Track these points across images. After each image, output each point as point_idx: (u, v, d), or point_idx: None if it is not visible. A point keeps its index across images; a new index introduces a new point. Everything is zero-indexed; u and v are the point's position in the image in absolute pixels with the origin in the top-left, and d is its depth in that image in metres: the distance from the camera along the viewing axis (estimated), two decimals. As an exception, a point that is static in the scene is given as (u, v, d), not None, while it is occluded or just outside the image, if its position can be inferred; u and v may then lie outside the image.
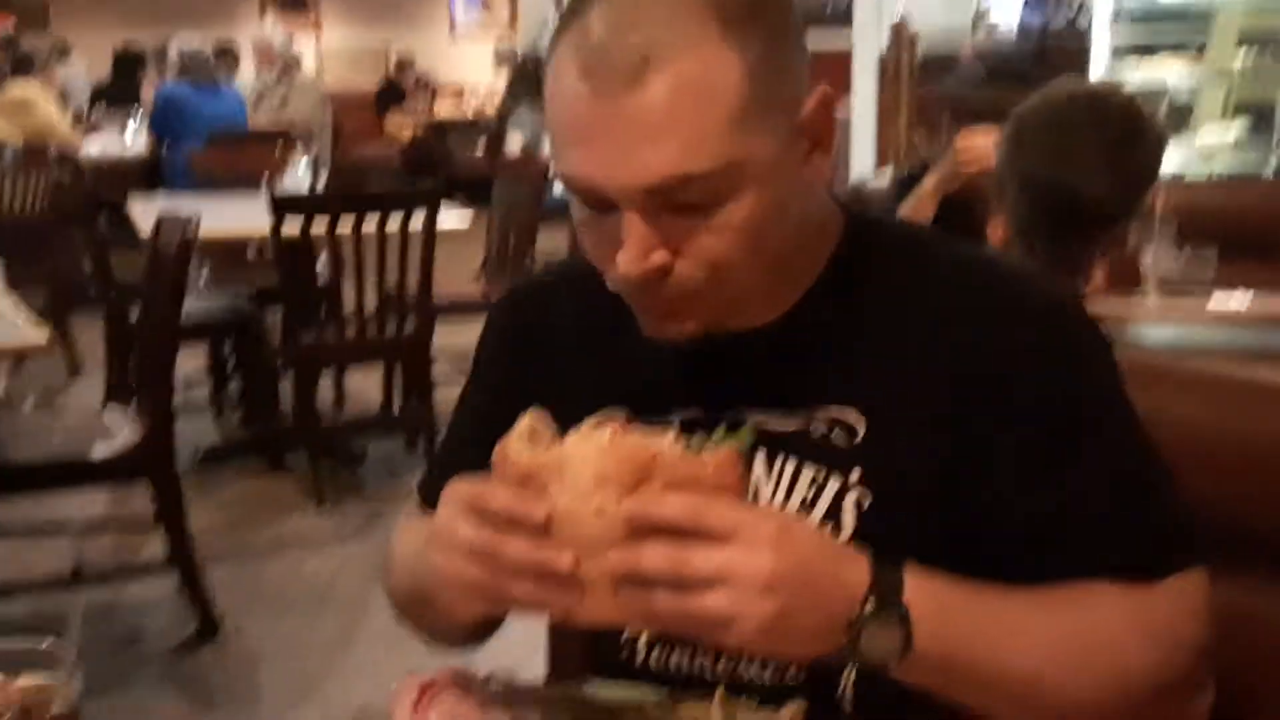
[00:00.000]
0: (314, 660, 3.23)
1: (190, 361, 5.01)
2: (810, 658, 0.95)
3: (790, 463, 1.07)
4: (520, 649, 1.34)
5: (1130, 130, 1.94)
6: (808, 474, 1.06)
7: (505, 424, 1.18)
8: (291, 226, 4.13)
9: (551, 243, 5.19)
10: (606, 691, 1.12)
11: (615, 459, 0.89)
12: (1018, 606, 0.99)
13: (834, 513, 1.05)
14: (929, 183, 2.78)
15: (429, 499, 1.26)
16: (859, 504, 1.04)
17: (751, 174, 0.96)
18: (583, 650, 1.22)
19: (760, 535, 0.88)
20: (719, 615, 0.87)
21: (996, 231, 1.98)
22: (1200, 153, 5.04)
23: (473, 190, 7.27)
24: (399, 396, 4.98)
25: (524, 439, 0.94)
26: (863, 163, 5.94)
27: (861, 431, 1.05)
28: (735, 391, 1.08)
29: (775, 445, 1.07)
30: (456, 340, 5.38)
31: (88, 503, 3.51)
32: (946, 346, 1.04)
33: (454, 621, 1.12)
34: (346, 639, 3.33)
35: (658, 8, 0.94)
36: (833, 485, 1.05)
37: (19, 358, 2.94)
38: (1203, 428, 1.22)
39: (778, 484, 1.07)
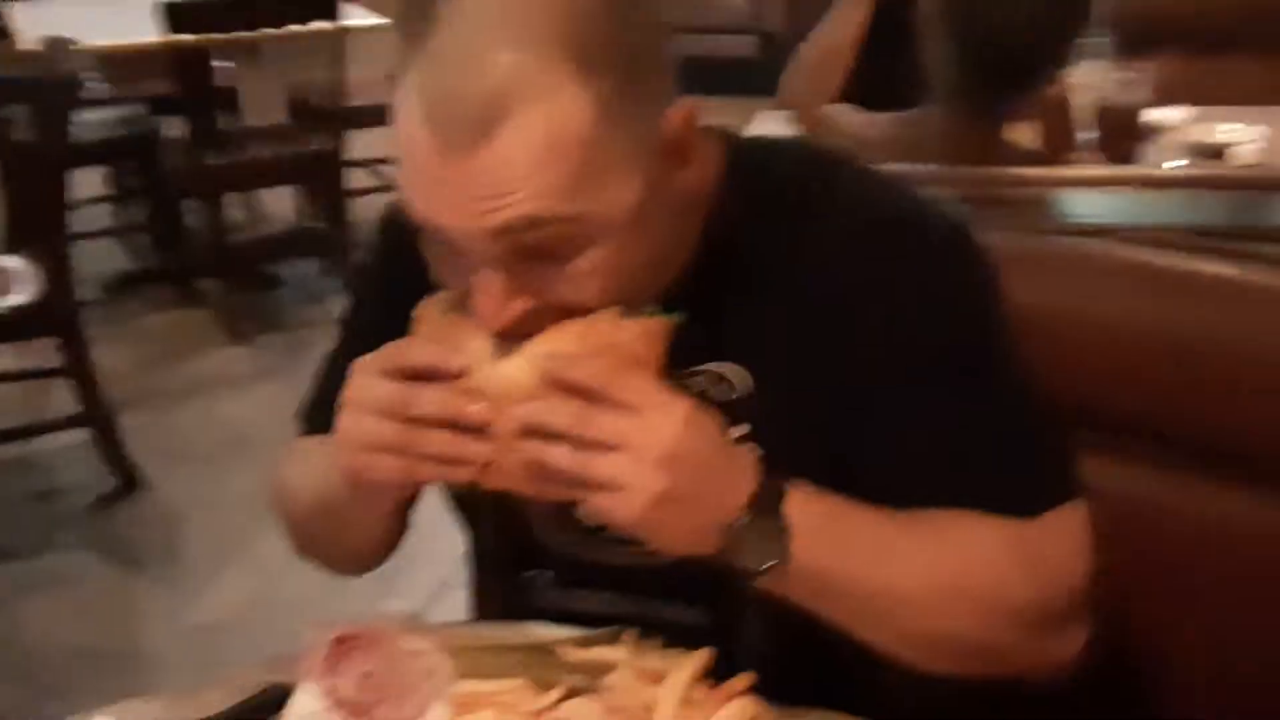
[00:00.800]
0: (237, 514, 3.25)
1: (90, 182, 4.93)
2: (685, 553, 0.99)
3: None
4: (428, 594, 1.42)
5: None
6: None
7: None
8: (185, 35, 4.03)
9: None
10: (519, 634, 1.19)
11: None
12: (899, 529, 1.03)
13: None
14: None
15: (311, 427, 1.30)
16: None
17: (610, 221, 0.96)
18: (501, 595, 1.29)
19: (666, 412, 0.93)
20: (610, 480, 0.92)
21: None
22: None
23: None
24: (311, 215, 4.96)
25: (444, 302, 0.99)
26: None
27: (746, 386, 1.09)
28: None
29: None
30: (372, 148, 5.33)
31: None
32: (828, 297, 1.07)
33: (361, 529, 1.18)
34: (267, 487, 3.40)
35: (505, 49, 0.91)
36: None
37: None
38: (1100, 314, 1.29)
39: None
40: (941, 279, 1.08)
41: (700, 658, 1.08)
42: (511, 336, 0.97)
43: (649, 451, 0.92)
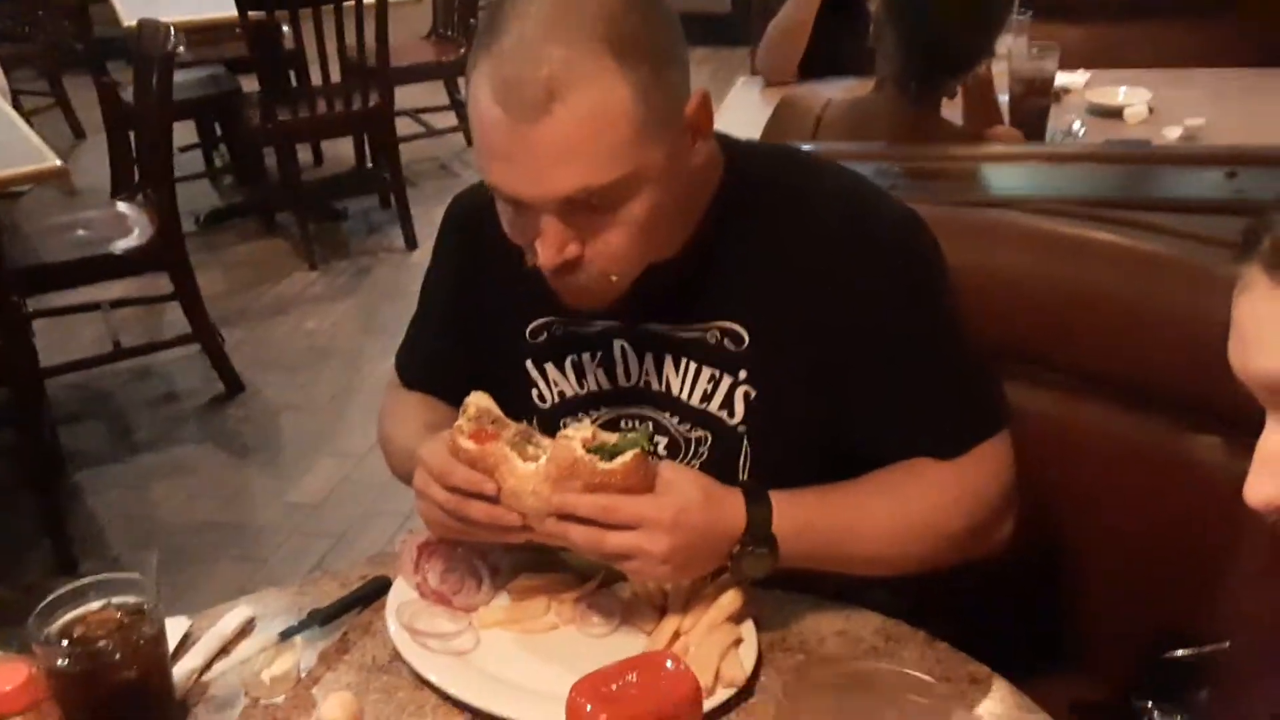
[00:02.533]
0: (323, 412, 3.37)
1: (182, 129, 4.90)
2: (702, 575, 1.10)
3: (693, 364, 1.17)
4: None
5: None
6: (706, 373, 1.16)
7: (463, 319, 1.28)
8: (256, 12, 4.06)
9: None
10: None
11: (547, 460, 1.02)
12: (861, 503, 1.12)
13: (728, 402, 1.16)
14: None
15: (406, 376, 1.37)
16: (747, 396, 1.15)
17: (646, 178, 1.01)
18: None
19: (659, 524, 1.01)
20: (631, 573, 1.06)
21: None
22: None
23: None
24: (370, 157, 4.94)
25: (472, 421, 1.06)
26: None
27: (746, 340, 1.14)
28: (644, 308, 1.16)
29: (680, 350, 1.17)
30: (415, 99, 5.30)
31: (113, 285, 3.54)
32: (812, 271, 1.12)
33: None
34: (348, 389, 3.47)
35: (558, 45, 0.96)
36: (726, 381, 1.15)
37: (37, 180, 2.91)
38: (1014, 271, 1.35)
39: (684, 380, 1.17)
40: (901, 258, 1.13)
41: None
42: (564, 274, 1.05)
43: (653, 555, 1.01)
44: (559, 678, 0.92)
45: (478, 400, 1.09)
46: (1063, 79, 2.62)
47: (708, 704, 0.97)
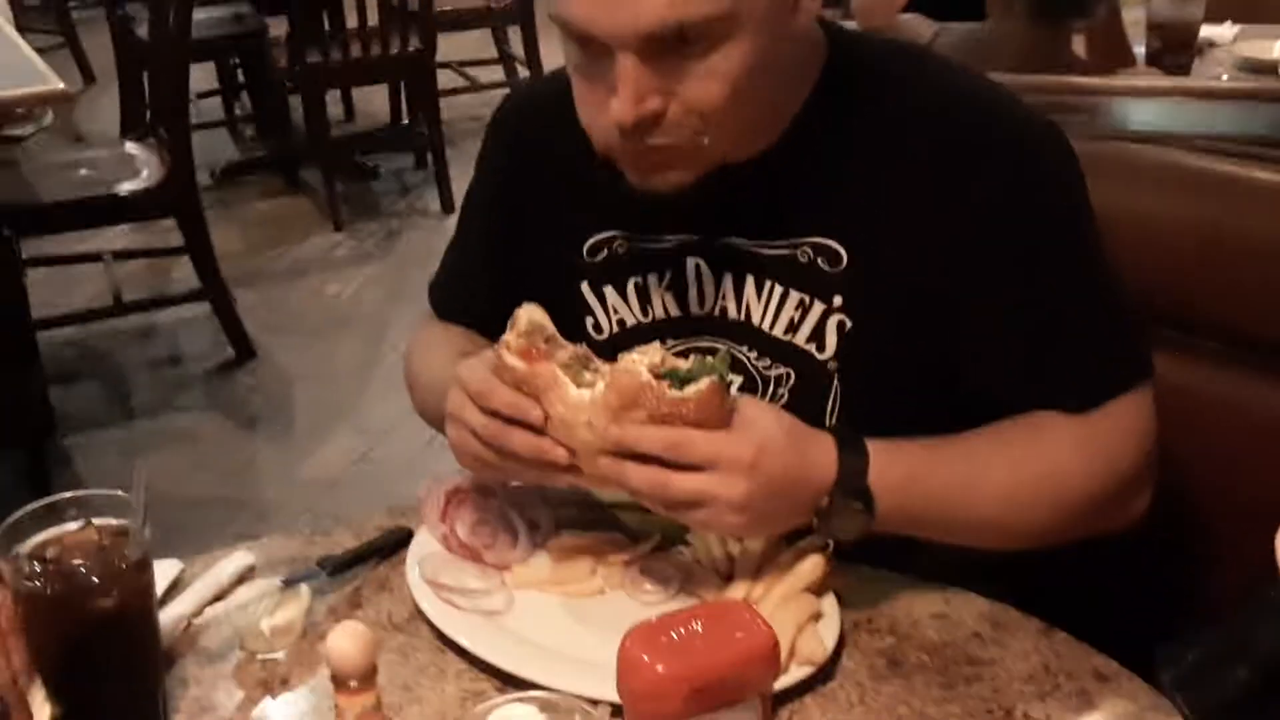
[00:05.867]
0: (341, 383, 3.36)
1: (201, 74, 4.95)
2: (782, 531, 1.04)
3: (778, 288, 1.11)
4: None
5: None
6: (794, 298, 1.10)
7: (508, 238, 1.24)
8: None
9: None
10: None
11: (605, 386, 0.96)
12: (974, 459, 1.05)
13: (818, 334, 1.10)
14: None
15: (440, 307, 1.33)
16: (841, 326, 1.09)
17: (743, 21, 0.96)
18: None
19: (737, 464, 0.95)
20: (698, 495, 0.96)
21: None
22: None
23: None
24: (407, 111, 4.95)
25: (521, 336, 1.00)
26: None
27: (844, 260, 1.08)
28: (725, 219, 1.11)
29: (763, 269, 1.11)
30: (459, 51, 5.30)
31: (118, 235, 3.57)
32: (925, 182, 1.06)
33: None
34: (370, 360, 3.45)
35: None
36: (817, 309, 1.10)
37: (39, 103, 2.92)
38: (1159, 216, 1.28)
39: (766, 306, 1.12)
40: (1033, 171, 1.07)
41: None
42: (641, 129, 0.99)
43: (728, 502, 0.95)
44: (604, 645, 0.86)
45: (530, 313, 1.03)
46: (1207, 31, 2.55)
47: (781, 681, 0.91)
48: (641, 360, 0.97)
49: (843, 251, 1.09)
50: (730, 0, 0.95)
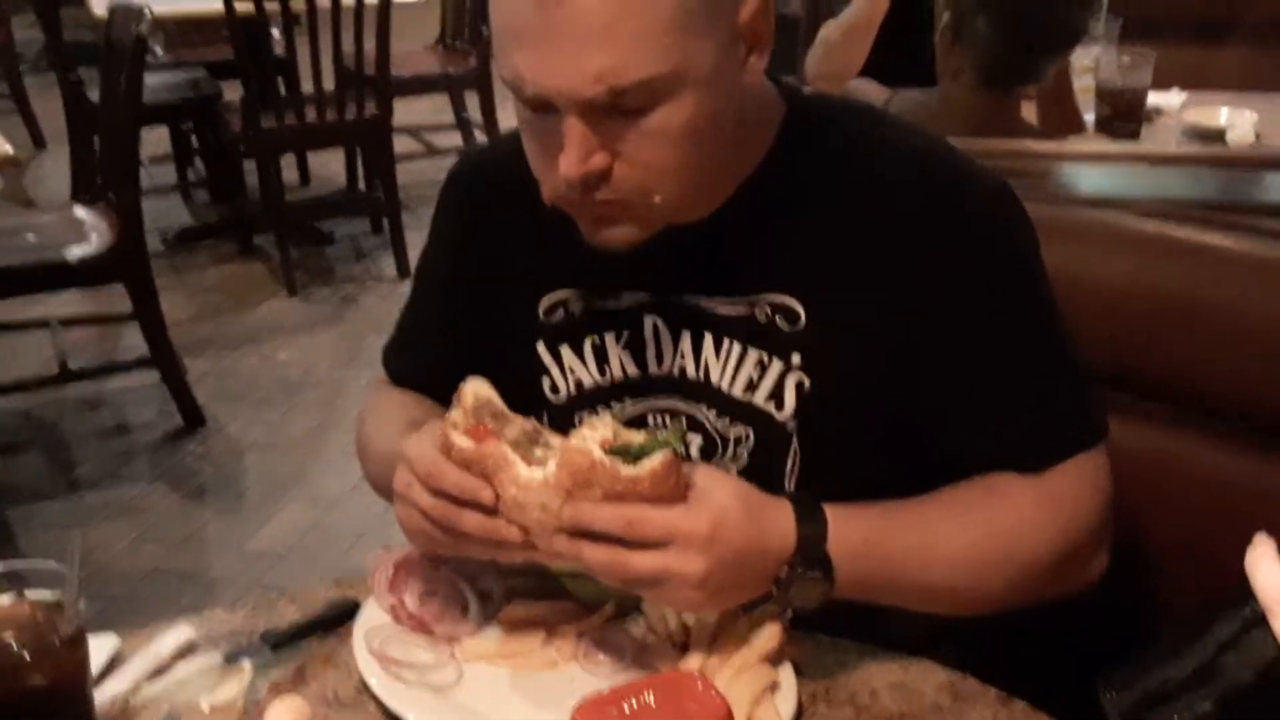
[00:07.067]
0: (293, 452, 3.33)
1: (153, 140, 4.94)
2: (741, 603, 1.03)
3: (736, 345, 1.11)
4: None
5: None
6: (753, 356, 1.10)
7: (464, 300, 1.24)
8: (244, 4, 4.02)
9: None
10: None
11: (557, 465, 0.94)
12: (932, 524, 1.05)
13: (777, 393, 1.10)
14: None
15: (394, 370, 1.32)
16: (800, 386, 1.09)
17: (689, 80, 0.97)
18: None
19: (693, 540, 0.94)
20: (658, 596, 0.97)
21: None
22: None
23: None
24: (363, 177, 4.96)
25: (468, 414, 0.99)
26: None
27: (802, 318, 1.09)
28: (682, 277, 1.11)
29: (722, 327, 1.11)
30: (416, 115, 5.33)
31: (66, 300, 3.53)
32: (882, 241, 1.07)
33: None
34: (322, 428, 3.43)
35: None
36: (775, 367, 1.10)
37: (-13, 168, 2.91)
38: (1110, 280, 1.29)
39: (725, 365, 1.12)
40: (989, 232, 1.08)
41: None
42: (589, 185, 0.99)
43: (686, 579, 0.94)
44: (556, 719, 0.85)
45: (476, 388, 1.02)
46: (1155, 99, 2.60)
47: (737, 756, 0.90)
48: (593, 436, 0.96)
49: (800, 309, 1.09)
50: (671, 61, 0.95)
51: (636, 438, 0.97)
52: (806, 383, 1.09)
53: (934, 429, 1.09)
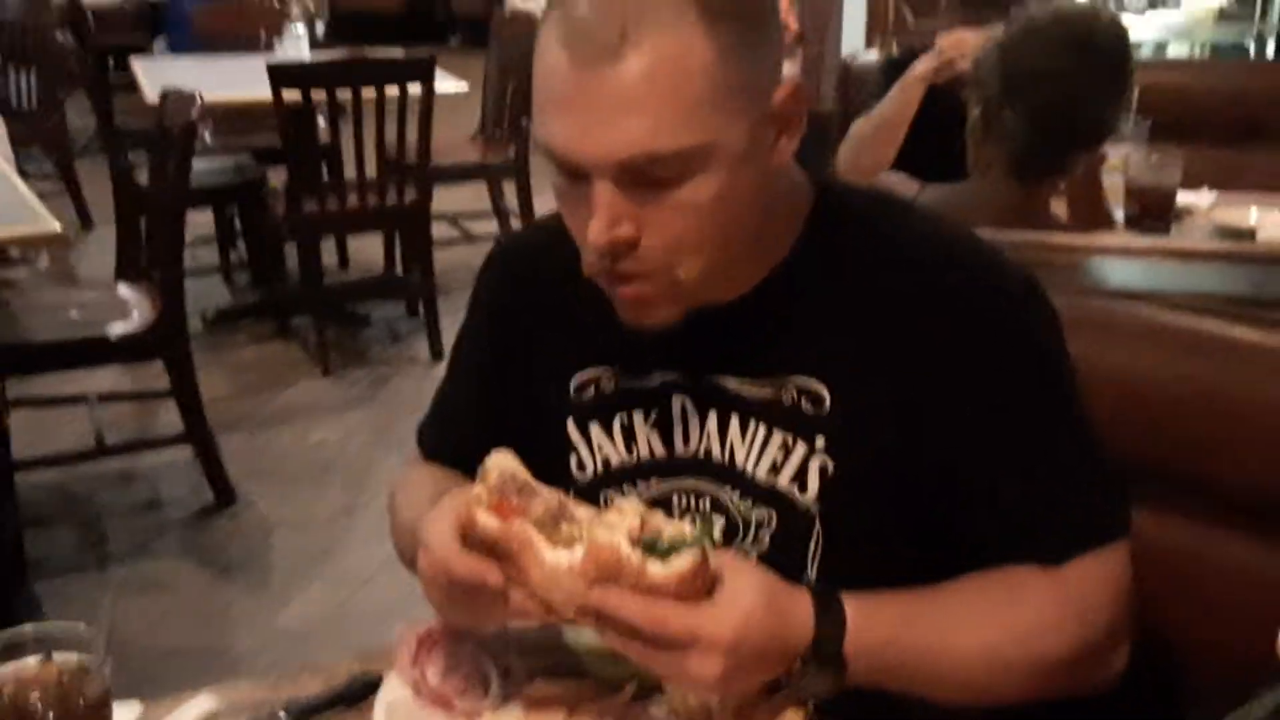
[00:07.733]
0: (322, 530, 3.33)
1: (197, 222, 5.03)
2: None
3: (762, 428, 1.12)
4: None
5: (1119, 53, 1.98)
6: (777, 438, 1.11)
7: (498, 377, 1.25)
8: (291, 94, 4.13)
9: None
10: (583, 638, 1.21)
11: (583, 556, 0.95)
12: (951, 619, 1.05)
13: (800, 476, 1.10)
14: (917, 69, 2.78)
15: (427, 446, 1.34)
16: (823, 470, 1.10)
17: (719, 156, 0.99)
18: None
19: (716, 644, 0.94)
20: (674, 683, 1.01)
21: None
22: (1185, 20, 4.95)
23: (474, 31, 7.12)
24: (400, 260, 5.03)
25: (493, 491, 0.99)
26: (854, 35, 5.84)
27: (827, 402, 1.09)
28: (712, 358, 1.12)
29: (748, 409, 1.12)
30: (455, 203, 5.41)
31: (105, 376, 3.57)
32: (908, 330, 1.08)
33: None
34: (352, 508, 3.44)
35: None
36: (800, 450, 1.10)
37: (35, 245, 2.97)
38: (1140, 373, 1.30)
39: (750, 447, 1.12)
40: (1015, 324, 1.09)
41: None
42: (616, 253, 1.01)
43: (708, 680, 0.95)
44: (575, 798, 0.85)
45: (500, 462, 1.02)
46: (1184, 198, 2.61)
47: (756, 839, 0.89)
48: (620, 524, 0.96)
49: (826, 394, 1.10)
50: (704, 135, 0.97)
51: (666, 528, 0.97)
52: (830, 466, 1.10)
53: (955, 517, 1.09)
